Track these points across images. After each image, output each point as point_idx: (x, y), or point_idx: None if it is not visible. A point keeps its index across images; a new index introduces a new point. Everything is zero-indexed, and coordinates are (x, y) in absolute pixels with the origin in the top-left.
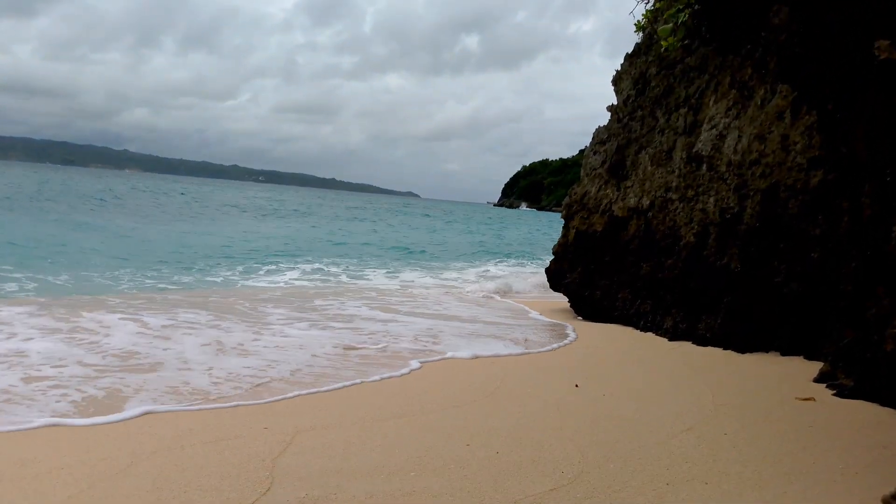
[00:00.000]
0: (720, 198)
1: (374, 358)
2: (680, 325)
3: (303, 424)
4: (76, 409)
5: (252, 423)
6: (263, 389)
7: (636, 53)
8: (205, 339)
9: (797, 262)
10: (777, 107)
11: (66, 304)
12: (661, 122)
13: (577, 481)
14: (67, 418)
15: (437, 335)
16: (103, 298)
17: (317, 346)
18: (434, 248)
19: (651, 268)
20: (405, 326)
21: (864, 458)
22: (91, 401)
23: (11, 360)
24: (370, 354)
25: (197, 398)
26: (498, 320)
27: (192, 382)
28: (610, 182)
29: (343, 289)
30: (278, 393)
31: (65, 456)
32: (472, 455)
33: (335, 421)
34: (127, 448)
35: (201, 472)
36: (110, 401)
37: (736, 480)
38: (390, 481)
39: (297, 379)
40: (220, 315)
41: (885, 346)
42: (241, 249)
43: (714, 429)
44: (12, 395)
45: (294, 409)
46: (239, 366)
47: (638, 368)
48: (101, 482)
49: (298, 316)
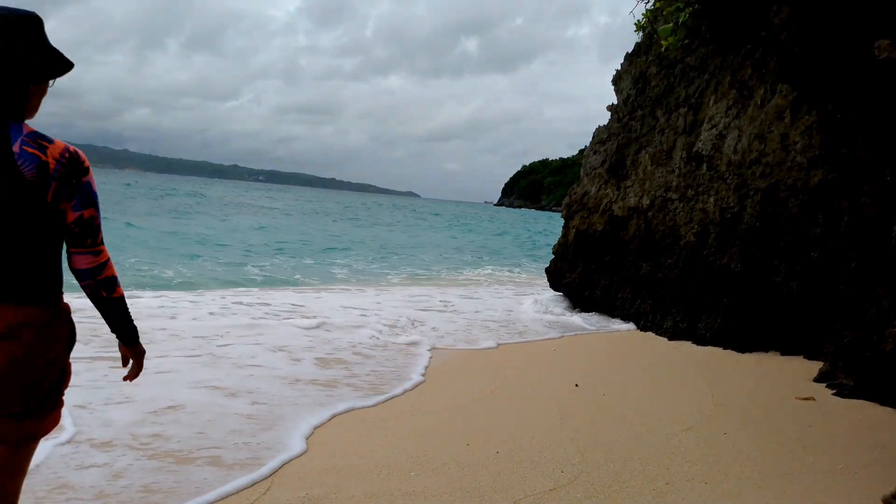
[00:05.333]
0: (720, 197)
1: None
2: (680, 324)
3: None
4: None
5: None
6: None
7: (636, 53)
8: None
9: (797, 262)
10: (777, 106)
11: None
12: (661, 121)
13: (577, 481)
14: None
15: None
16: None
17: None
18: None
19: (651, 267)
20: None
21: (864, 458)
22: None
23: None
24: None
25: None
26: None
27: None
28: (610, 182)
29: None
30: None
31: None
32: (471, 455)
33: (335, 420)
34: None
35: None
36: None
37: (736, 480)
38: (390, 481)
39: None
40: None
41: (885, 345)
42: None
43: (714, 429)
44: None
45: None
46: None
47: (638, 368)
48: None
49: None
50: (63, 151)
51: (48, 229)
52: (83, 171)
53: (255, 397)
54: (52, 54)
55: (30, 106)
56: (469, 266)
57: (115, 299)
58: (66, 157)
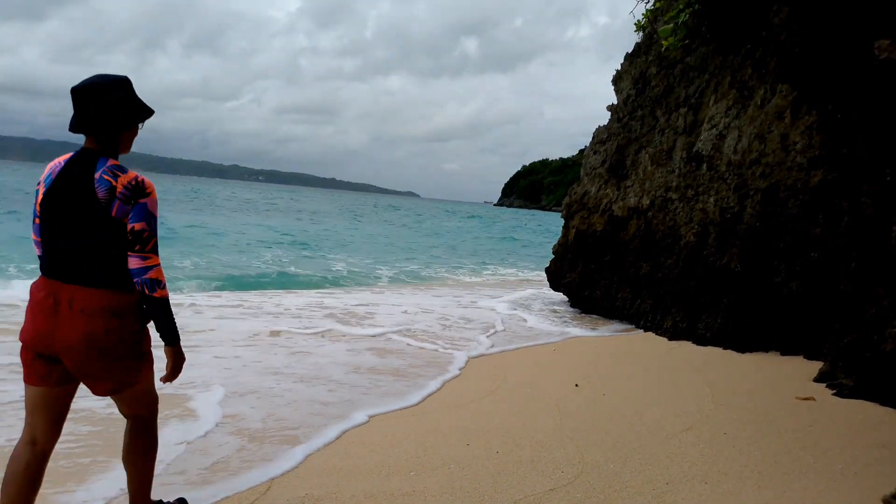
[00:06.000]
0: (720, 197)
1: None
2: (680, 324)
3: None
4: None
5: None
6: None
7: (636, 53)
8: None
9: (797, 262)
10: (777, 107)
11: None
12: (661, 121)
13: (577, 481)
14: None
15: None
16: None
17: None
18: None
19: (651, 267)
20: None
21: (864, 457)
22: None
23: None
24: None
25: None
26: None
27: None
28: (610, 182)
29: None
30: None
31: None
32: (472, 455)
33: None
34: None
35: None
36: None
37: (736, 480)
38: (390, 481)
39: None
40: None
41: (885, 345)
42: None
43: (714, 428)
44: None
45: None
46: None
47: (638, 368)
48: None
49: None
50: (131, 180)
51: (108, 234)
52: (144, 195)
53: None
54: (138, 106)
55: (123, 145)
56: (468, 267)
57: (157, 298)
58: (132, 184)
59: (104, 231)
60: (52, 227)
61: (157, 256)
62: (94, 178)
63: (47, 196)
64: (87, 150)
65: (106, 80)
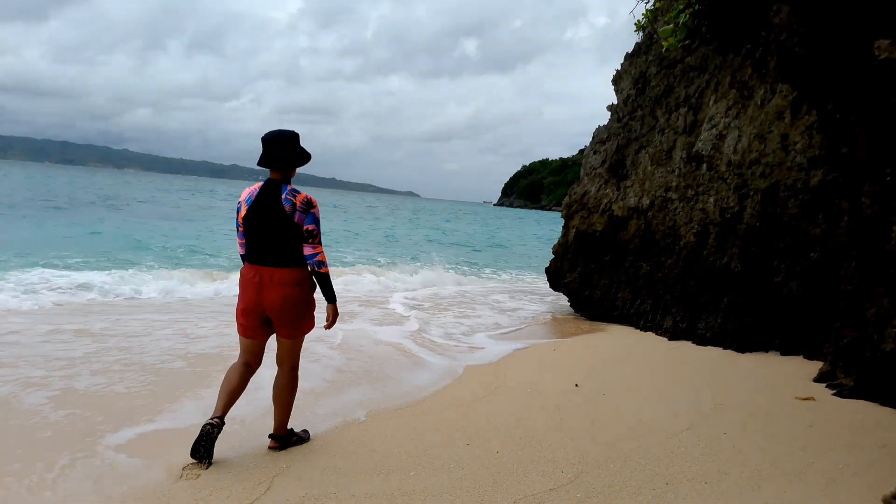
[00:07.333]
0: (720, 197)
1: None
2: (680, 324)
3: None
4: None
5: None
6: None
7: (636, 53)
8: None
9: (797, 262)
10: (777, 106)
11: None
12: (661, 121)
13: (577, 481)
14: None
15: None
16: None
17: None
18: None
19: (651, 267)
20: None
21: (864, 457)
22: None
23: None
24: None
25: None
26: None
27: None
28: (610, 182)
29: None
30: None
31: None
32: (471, 455)
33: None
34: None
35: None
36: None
37: (736, 480)
38: (390, 481)
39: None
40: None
41: (885, 345)
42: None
43: (714, 428)
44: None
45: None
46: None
47: (638, 368)
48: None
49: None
50: (304, 198)
51: (291, 233)
52: (312, 207)
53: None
54: (304, 153)
55: (291, 175)
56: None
57: (323, 274)
58: (305, 200)
59: (289, 232)
60: (255, 231)
61: (321, 246)
62: (281, 198)
63: (250, 211)
64: (273, 180)
65: (286, 135)
